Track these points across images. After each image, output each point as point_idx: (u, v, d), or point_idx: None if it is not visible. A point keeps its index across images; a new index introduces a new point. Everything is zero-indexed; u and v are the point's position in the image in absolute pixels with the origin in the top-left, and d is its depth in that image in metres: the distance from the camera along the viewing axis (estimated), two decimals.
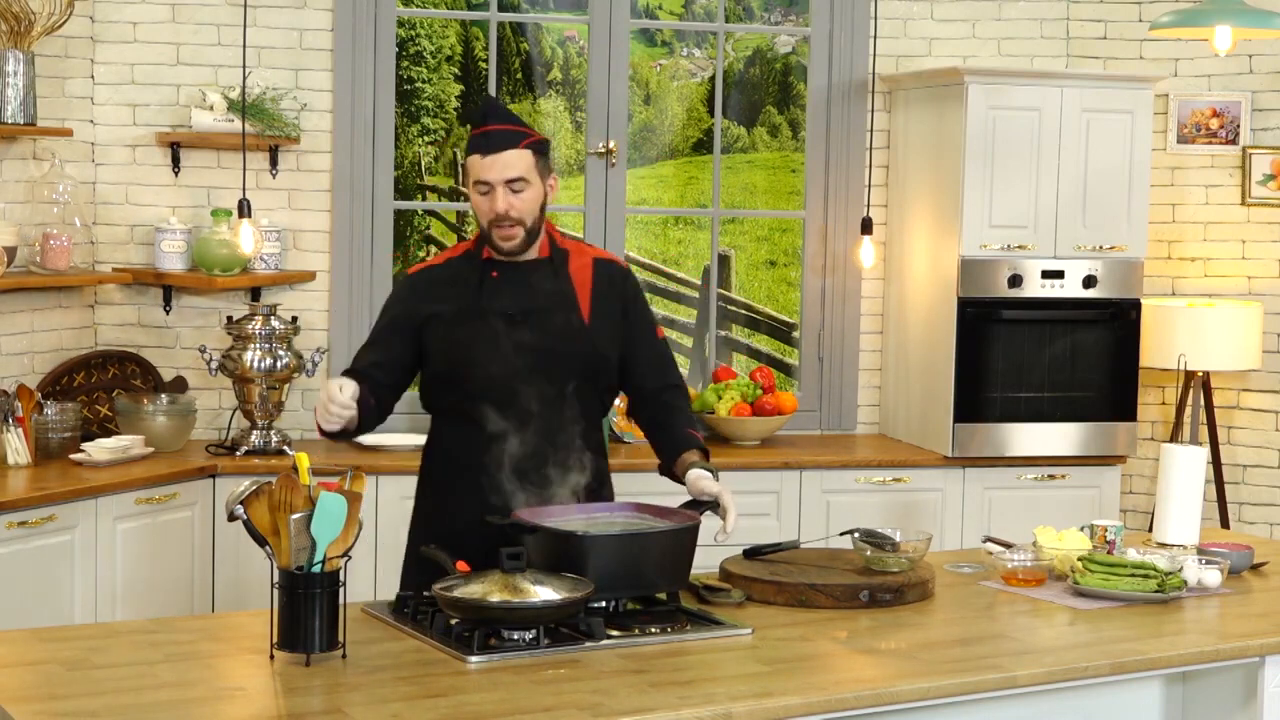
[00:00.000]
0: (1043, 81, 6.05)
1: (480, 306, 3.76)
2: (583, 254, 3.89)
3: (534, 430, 3.71)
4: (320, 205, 6.03)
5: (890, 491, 6.00)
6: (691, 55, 8.22)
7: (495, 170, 3.69)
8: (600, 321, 3.82)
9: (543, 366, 3.73)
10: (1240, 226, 6.53)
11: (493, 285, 3.78)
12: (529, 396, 3.70)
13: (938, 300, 6.12)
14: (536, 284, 3.79)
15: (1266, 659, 3.54)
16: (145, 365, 5.88)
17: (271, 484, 3.16)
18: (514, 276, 3.79)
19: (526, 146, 3.73)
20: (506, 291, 3.77)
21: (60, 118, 5.69)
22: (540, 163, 3.75)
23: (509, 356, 3.71)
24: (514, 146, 3.71)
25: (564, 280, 3.82)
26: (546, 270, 3.81)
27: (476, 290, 3.78)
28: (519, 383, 3.71)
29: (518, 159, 3.71)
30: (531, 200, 3.73)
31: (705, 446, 3.85)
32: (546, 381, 3.73)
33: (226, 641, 3.28)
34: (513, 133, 3.73)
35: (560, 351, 3.75)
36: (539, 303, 3.77)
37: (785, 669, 3.18)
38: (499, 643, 3.19)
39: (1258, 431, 6.54)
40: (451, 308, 3.77)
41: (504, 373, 3.71)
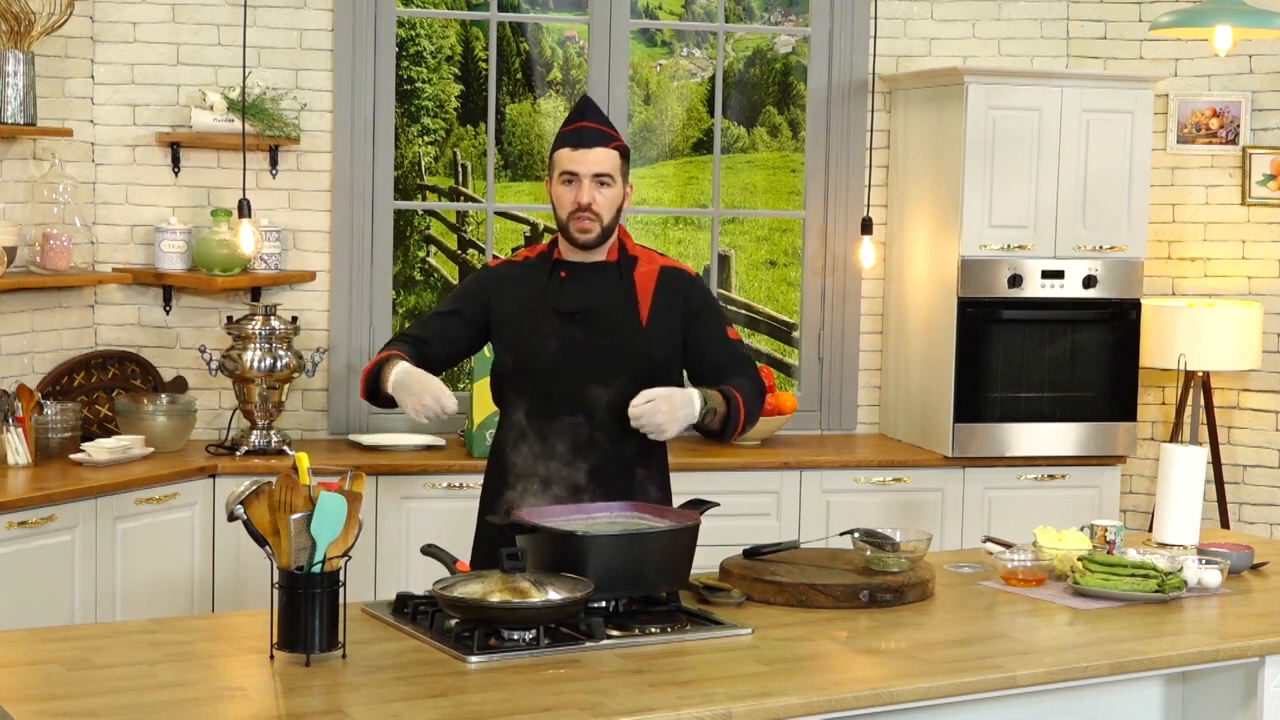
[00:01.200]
0: (1043, 81, 6.05)
1: (545, 304, 3.86)
2: (651, 261, 3.97)
3: (590, 430, 3.78)
4: (320, 205, 6.03)
5: (890, 491, 6.00)
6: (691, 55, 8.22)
7: (585, 164, 3.81)
8: (658, 325, 3.88)
9: (599, 365, 3.80)
10: (1240, 226, 6.53)
11: (558, 284, 3.88)
12: (585, 395, 3.78)
13: (938, 300, 6.12)
14: (600, 285, 3.88)
15: (1266, 659, 3.54)
16: (145, 365, 5.88)
17: (271, 484, 3.16)
18: (580, 277, 3.89)
19: (615, 148, 3.85)
20: (570, 290, 3.87)
21: (60, 118, 5.69)
22: (624, 166, 3.88)
23: (566, 354, 3.80)
24: (604, 145, 3.84)
25: (628, 284, 3.90)
26: (612, 273, 3.90)
27: (543, 288, 3.88)
28: (576, 381, 3.79)
29: (606, 157, 3.83)
30: (613, 199, 3.84)
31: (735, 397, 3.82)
32: (602, 380, 3.79)
33: (226, 641, 3.28)
34: (604, 133, 3.86)
35: (616, 352, 3.82)
36: (597, 302, 3.86)
37: (785, 669, 3.18)
38: (499, 643, 3.20)
39: (1258, 431, 6.54)
40: (518, 304, 3.89)
41: (561, 369, 3.79)
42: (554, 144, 3.91)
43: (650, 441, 3.83)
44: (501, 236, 7.96)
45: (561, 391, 3.80)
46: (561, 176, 3.84)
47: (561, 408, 3.79)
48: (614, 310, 3.86)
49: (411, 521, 5.51)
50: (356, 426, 6.05)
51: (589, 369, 3.79)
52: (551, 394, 3.81)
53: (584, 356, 3.80)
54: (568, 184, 3.83)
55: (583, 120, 3.87)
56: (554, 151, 3.89)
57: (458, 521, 5.18)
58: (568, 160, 3.83)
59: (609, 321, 3.85)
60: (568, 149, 3.84)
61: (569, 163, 3.83)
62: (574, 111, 3.93)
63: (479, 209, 6.48)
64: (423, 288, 8.06)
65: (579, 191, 3.82)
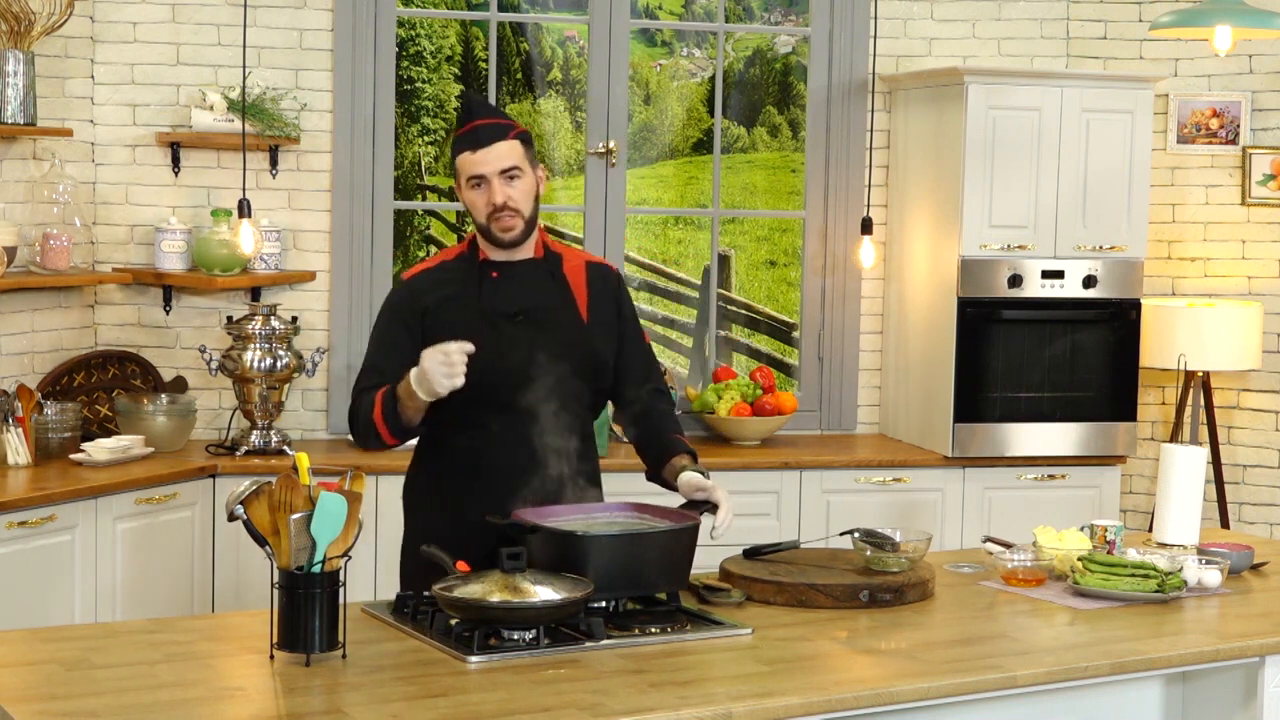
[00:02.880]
0: (1043, 81, 6.05)
1: (481, 307, 3.76)
2: (575, 257, 3.91)
3: (535, 429, 3.71)
4: (320, 205, 6.03)
5: (890, 491, 6.00)
6: (691, 55, 8.22)
7: (489, 163, 3.70)
8: (596, 322, 3.84)
9: (545, 364, 3.73)
10: (1240, 226, 6.53)
11: (492, 285, 3.78)
12: (530, 395, 3.71)
13: (938, 300, 6.12)
14: (535, 284, 3.80)
15: (1266, 659, 3.54)
16: (145, 365, 5.88)
17: (271, 484, 3.16)
18: (513, 276, 3.80)
19: (514, 137, 3.74)
20: (506, 291, 3.78)
21: (60, 118, 5.69)
22: (529, 153, 3.77)
23: (510, 356, 3.71)
24: (503, 139, 3.72)
25: (560, 280, 3.83)
26: (543, 270, 3.82)
27: (476, 291, 3.77)
28: (520, 381, 3.71)
29: (509, 150, 3.72)
30: (527, 189, 3.75)
31: (693, 450, 3.88)
32: (548, 379, 3.73)
33: (226, 641, 3.28)
34: (500, 125, 3.74)
35: (562, 351, 3.76)
36: (539, 301, 3.78)
37: (785, 669, 3.18)
38: (499, 643, 3.19)
39: (1258, 431, 6.54)
40: (452, 309, 3.77)
41: (505, 370, 3.71)
42: (452, 150, 3.79)
43: (587, 441, 3.81)
44: None
45: (502, 392, 3.70)
46: (469, 182, 3.73)
47: (505, 408, 3.70)
48: (554, 309, 3.79)
49: None
50: None
51: (535, 368, 3.71)
52: (493, 395, 3.70)
53: (527, 355, 3.71)
54: (477, 188, 3.72)
55: (475, 119, 3.75)
56: (455, 158, 3.77)
57: None
58: (471, 164, 3.71)
59: (551, 320, 3.77)
60: (467, 152, 3.72)
61: (473, 166, 3.71)
62: (463, 113, 3.81)
63: None
64: None
65: (490, 192, 3.71)
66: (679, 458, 3.81)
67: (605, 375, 3.86)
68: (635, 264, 8.09)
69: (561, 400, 3.74)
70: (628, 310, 3.93)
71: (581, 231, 6.42)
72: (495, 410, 3.71)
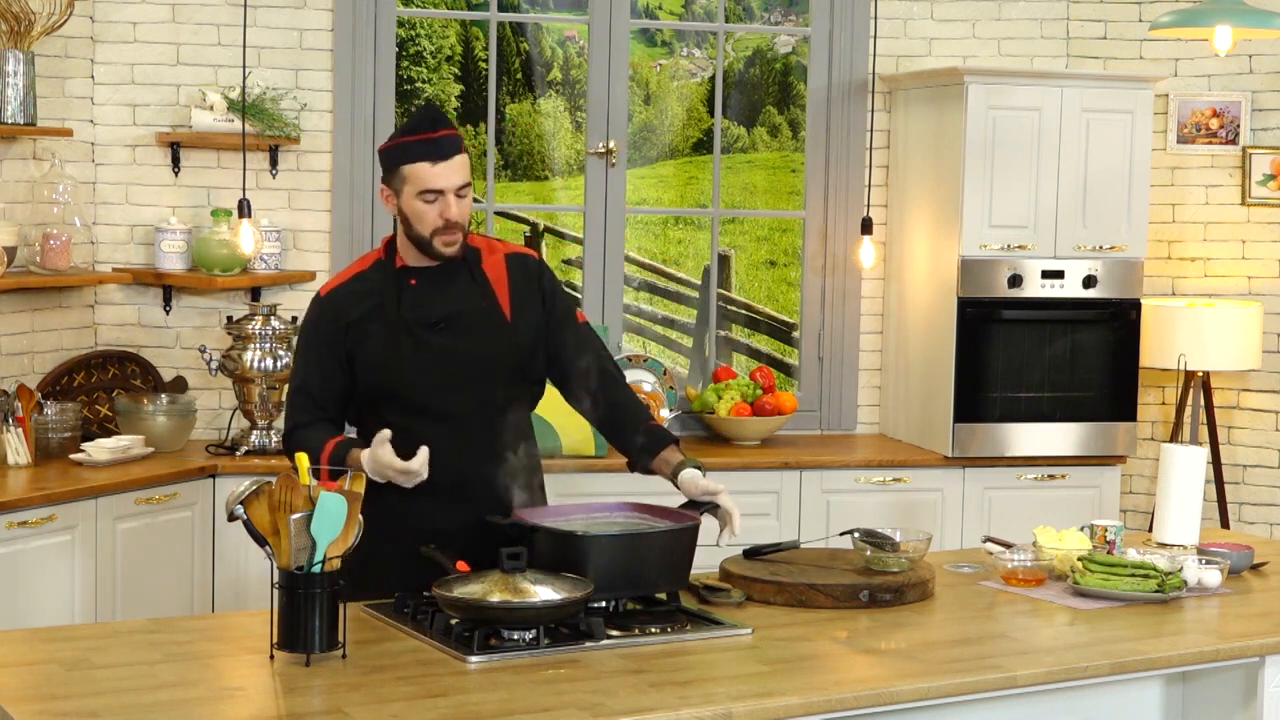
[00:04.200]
0: (1043, 81, 6.05)
1: (402, 318, 3.69)
2: (494, 250, 3.83)
3: (468, 436, 3.67)
4: (320, 205, 6.03)
5: (890, 491, 6.00)
6: (691, 55, 8.22)
7: (449, 177, 3.63)
8: (521, 316, 3.77)
9: (472, 370, 3.69)
10: (1240, 226, 6.53)
11: (411, 294, 3.72)
12: (460, 402, 3.68)
13: (938, 300, 6.12)
14: (455, 288, 3.73)
15: (1266, 659, 3.54)
16: (145, 365, 5.88)
17: (271, 484, 3.16)
18: (432, 282, 3.73)
19: (464, 150, 3.69)
20: (426, 299, 3.71)
21: (60, 118, 5.69)
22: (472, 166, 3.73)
23: (436, 365, 3.67)
24: (460, 153, 3.66)
25: (481, 280, 3.76)
26: (462, 272, 3.75)
27: (395, 301, 3.71)
28: (449, 390, 3.68)
29: (463, 164, 3.66)
30: (470, 204, 3.70)
31: (676, 438, 3.83)
32: (477, 384, 3.69)
33: (226, 641, 3.28)
34: (457, 139, 3.68)
35: (488, 353, 3.71)
36: (460, 305, 3.72)
37: (785, 669, 3.18)
38: (499, 643, 3.20)
39: (1258, 431, 6.54)
40: (372, 322, 3.70)
41: (433, 382, 3.67)
42: (398, 154, 3.65)
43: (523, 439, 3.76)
44: (501, 236, 7.97)
45: (432, 401, 3.67)
46: (423, 194, 3.61)
47: (433, 416, 3.66)
48: (477, 312, 3.72)
49: None
50: None
51: (460, 374, 3.68)
52: (423, 405, 3.67)
53: (454, 363, 3.68)
54: (430, 201, 3.62)
55: (438, 129, 3.64)
56: (403, 164, 3.62)
57: None
58: (430, 176, 3.59)
59: (475, 325, 3.71)
60: (426, 164, 3.60)
61: (432, 179, 3.60)
62: (424, 120, 3.68)
63: (479, 209, 6.47)
64: None
65: (444, 208, 3.62)
66: (669, 451, 3.77)
67: (536, 369, 3.80)
68: (635, 264, 8.09)
69: (492, 404, 3.70)
70: (556, 296, 3.84)
71: (581, 231, 6.42)
72: (425, 421, 3.66)
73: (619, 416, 3.85)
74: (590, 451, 5.69)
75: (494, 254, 3.81)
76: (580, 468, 5.45)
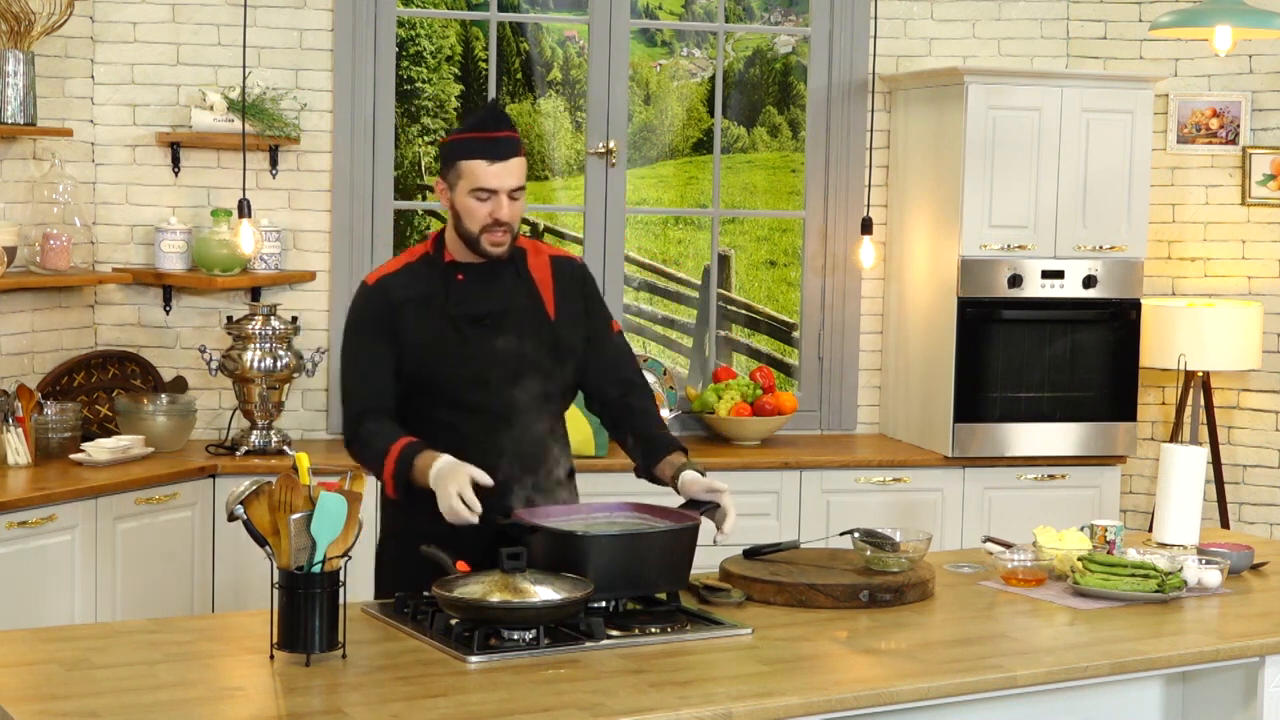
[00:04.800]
0: (1043, 81, 6.05)
1: (449, 312, 3.73)
2: (539, 252, 3.88)
3: (509, 432, 3.71)
4: (320, 205, 6.03)
5: (890, 491, 6.00)
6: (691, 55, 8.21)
7: (503, 178, 3.67)
8: (564, 318, 3.82)
9: (516, 367, 3.72)
10: (1240, 226, 6.53)
11: (459, 289, 3.75)
12: (500, 398, 3.70)
13: (938, 300, 6.12)
14: (502, 285, 3.77)
15: (1266, 659, 3.54)
16: (145, 365, 5.88)
17: (271, 484, 3.16)
18: (479, 278, 3.76)
19: (522, 153, 3.73)
20: (473, 294, 3.75)
21: (60, 118, 5.69)
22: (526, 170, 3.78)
23: (482, 360, 3.70)
24: (518, 155, 3.70)
25: (527, 279, 3.80)
26: (509, 270, 3.78)
27: (443, 295, 3.74)
28: (494, 385, 3.70)
29: (520, 167, 3.70)
30: (522, 207, 3.74)
31: (684, 445, 3.85)
32: (518, 381, 3.72)
33: (226, 641, 3.28)
34: (516, 141, 3.71)
35: (531, 351, 3.74)
36: (506, 303, 3.76)
37: (785, 669, 3.18)
38: (499, 643, 3.20)
39: (1258, 431, 6.54)
40: (418, 313, 3.73)
41: (478, 377, 3.70)
42: (459, 150, 3.68)
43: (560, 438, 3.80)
44: None
45: (472, 395, 3.69)
46: (476, 191, 3.66)
47: (471, 410, 3.69)
48: (522, 310, 3.76)
49: None
50: None
51: (502, 370, 3.71)
52: (462, 399, 3.69)
53: (496, 359, 3.71)
54: (483, 200, 3.66)
55: (500, 129, 3.68)
56: (462, 159, 3.66)
57: None
58: (485, 175, 3.65)
59: (520, 322, 3.75)
60: (484, 162, 3.65)
61: (487, 178, 3.65)
62: (488, 118, 3.72)
63: None
64: None
65: (497, 208, 3.66)
66: (674, 455, 3.80)
67: (575, 370, 3.84)
68: (635, 264, 8.09)
69: (532, 401, 3.73)
70: (595, 302, 3.90)
71: (581, 232, 6.42)
72: (466, 414, 3.69)
73: (635, 424, 3.88)
74: (590, 451, 5.69)
75: (539, 255, 3.87)
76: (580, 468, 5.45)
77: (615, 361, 3.90)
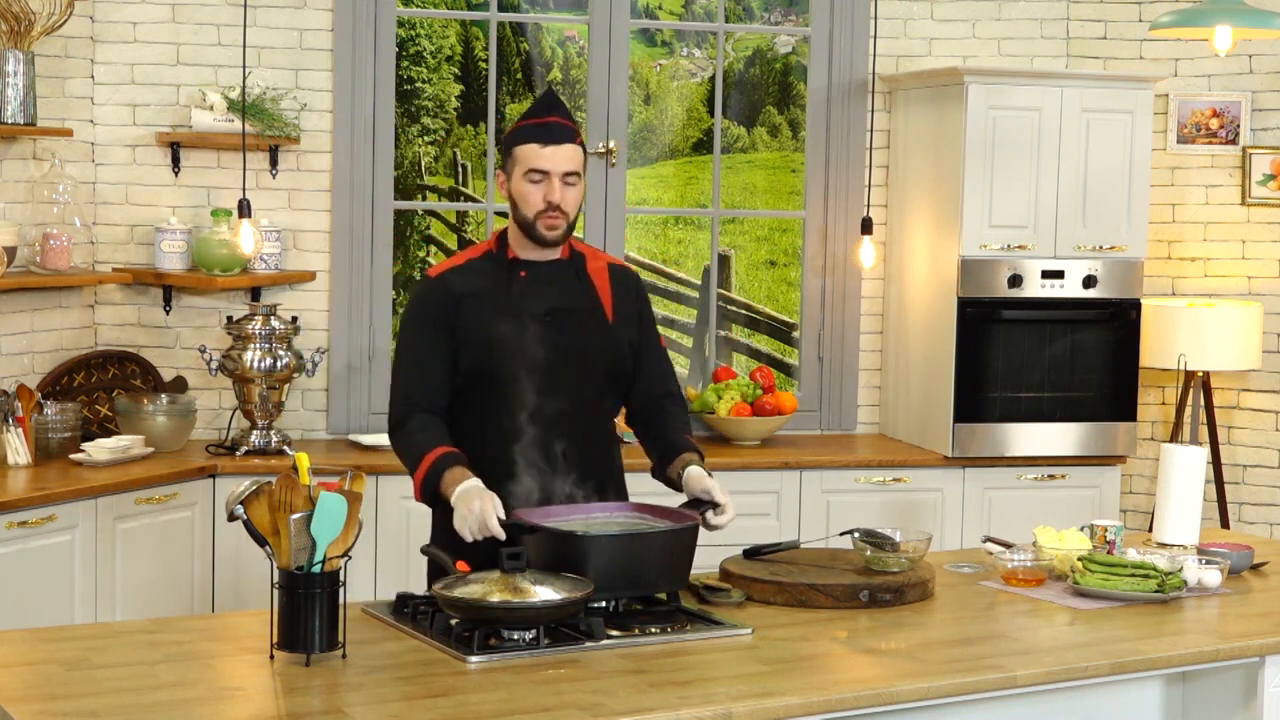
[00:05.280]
0: (1043, 81, 6.05)
1: (509, 306, 3.76)
2: (597, 258, 3.93)
3: (562, 430, 3.73)
4: (320, 205, 6.03)
5: (890, 491, 6.00)
6: (691, 55, 8.22)
7: (556, 161, 3.72)
8: (622, 321, 3.87)
9: (572, 365, 3.76)
10: (1240, 226, 6.53)
11: (520, 285, 3.79)
12: (555, 395, 3.73)
13: (938, 300, 6.12)
14: (563, 284, 3.82)
15: (1266, 659, 3.54)
16: (145, 365, 5.88)
17: (271, 484, 3.16)
18: (541, 276, 3.80)
19: (579, 144, 3.78)
20: (536, 291, 3.79)
21: (60, 118, 5.69)
22: (585, 161, 3.82)
23: (538, 355, 3.73)
24: (572, 141, 3.75)
25: (586, 281, 3.85)
26: (570, 272, 3.84)
27: (506, 290, 3.78)
28: (546, 381, 3.73)
29: (574, 154, 3.75)
30: (578, 197, 3.79)
31: (700, 450, 3.87)
32: (574, 379, 3.76)
33: (226, 641, 3.28)
34: (571, 128, 3.76)
35: (590, 351, 3.79)
36: (569, 303, 3.80)
37: (785, 669, 3.18)
38: (499, 643, 3.19)
39: (1258, 431, 6.54)
40: (480, 307, 3.76)
41: (532, 372, 3.73)
42: (513, 137, 3.76)
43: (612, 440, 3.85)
44: None
45: (528, 391, 3.71)
46: (529, 173, 3.73)
47: (532, 408, 3.71)
48: (583, 310, 3.80)
49: (411, 521, 5.51)
50: (356, 426, 6.05)
51: (560, 367, 3.74)
52: (518, 394, 3.71)
53: (560, 357, 3.74)
54: (536, 182, 3.72)
55: (551, 115, 3.75)
56: (516, 146, 3.75)
57: None
58: (536, 157, 3.72)
59: (580, 322, 3.79)
60: (536, 145, 3.72)
61: (539, 160, 3.71)
62: (540, 105, 3.81)
63: (479, 209, 6.48)
64: None
65: (549, 190, 3.72)
66: (686, 454, 3.81)
67: (628, 376, 3.89)
68: (635, 264, 8.10)
69: (588, 399, 3.77)
70: (647, 314, 3.96)
71: (582, 232, 6.42)
72: (523, 409, 3.72)
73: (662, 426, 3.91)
74: None
75: (597, 260, 3.92)
76: None
77: (660, 373, 3.95)
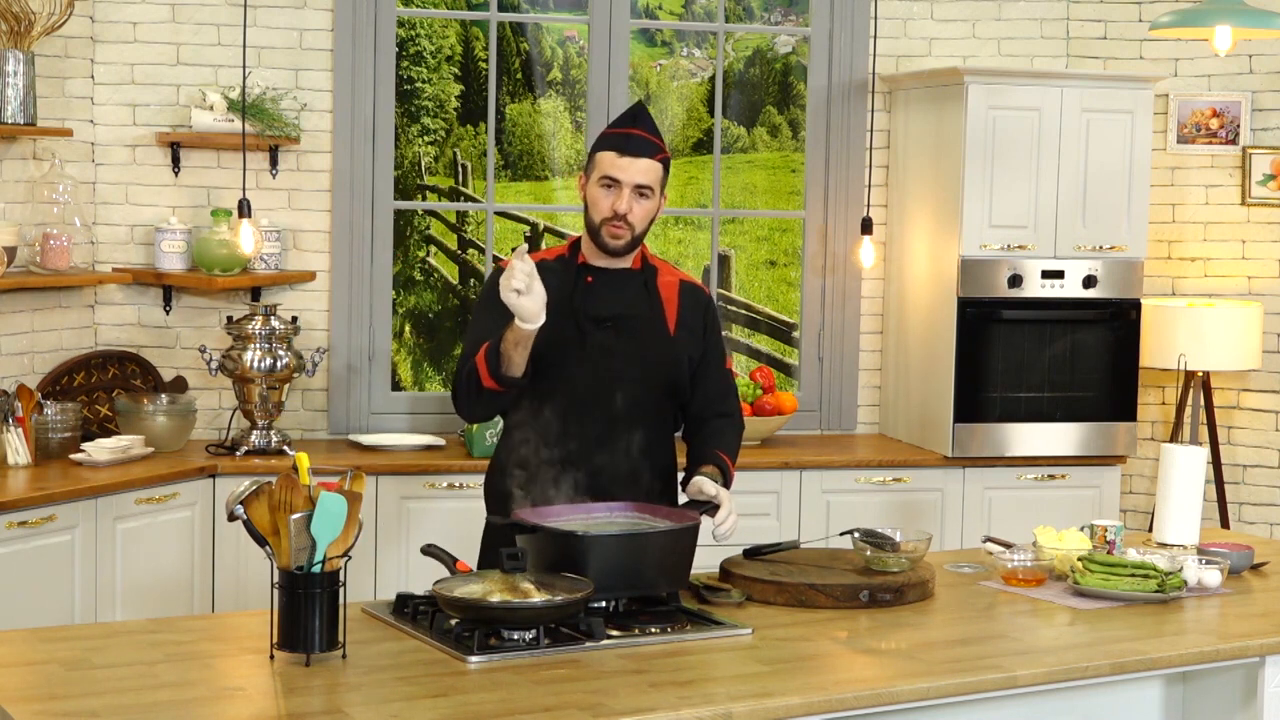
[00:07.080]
0: (1043, 81, 6.05)
1: (573, 308, 3.79)
2: (670, 273, 3.96)
3: (617, 435, 3.76)
4: (320, 205, 6.03)
5: (890, 491, 6.00)
6: (691, 55, 8.21)
7: (630, 172, 3.75)
8: (684, 336, 3.89)
9: (629, 373, 3.78)
10: (1240, 226, 6.53)
11: (586, 289, 3.83)
12: (611, 402, 3.76)
13: (938, 300, 6.12)
14: (629, 293, 3.85)
15: (1266, 659, 3.54)
16: (145, 365, 5.88)
17: (271, 484, 3.16)
18: (608, 283, 3.84)
19: (660, 159, 3.80)
20: (599, 296, 3.82)
21: (60, 118, 5.69)
22: (664, 179, 3.83)
23: (596, 360, 3.76)
24: (651, 156, 3.78)
25: (653, 293, 3.88)
26: (638, 281, 3.87)
27: (570, 293, 3.80)
28: (603, 387, 3.76)
29: (650, 169, 3.77)
30: (648, 210, 3.81)
31: (726, 466, 3.87)
32: (631, 387, 3.78)
33: (226, 641, 3.28)
34: (653, 143, 3.80)
35: (647, 360, 3.81)
36: (629, 310, 3.83)
37: (785, 669, 3.18)
38: (499, 643, 3.19)
39: (1258, 431, 6.54)
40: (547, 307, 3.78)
41: (589, 376, 3.76)
42: (598, 143, 3.82)
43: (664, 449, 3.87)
44: (501, 236, 7.96)
45: (585, 396, 3.76)
46: (602, 180, 3.78)
47: (582, 411, 3.76)
48: (644, 320, 3.84)
49: (411, 521, 5.51)
50: (356, 426, 6.05)
51: (617, 375, 3.77)
52: (575, 398, 3.76)
53: (614, 362, 3.77)
54: (607, 189, 3.77)
55: (634, 127, 3.79)
56: (596, 151, 3.81)
57: (458, 521, 5.19)
58: (611, 165, 3.76)
59: (640, 329, 3.82)
60: (613, 153, 3.77)
61: (613, 168, 3.76)
62: (626, 115, 3.86)
63: (479, 209, 6.47)
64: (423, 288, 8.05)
65: (618, 199, 3.76)
66: (707, 466, 3.83)
67: (685, 390, 3.90)
68: None
69: (644, 407, 3.80)
70: (715, 333, 3.97)
71: (581, 232, 6.41)
72: (579, 414, 3.75)
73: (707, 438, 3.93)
74: None
75: (670, 275, 3.95)
76: None
77: (721, 391, 3.96)
